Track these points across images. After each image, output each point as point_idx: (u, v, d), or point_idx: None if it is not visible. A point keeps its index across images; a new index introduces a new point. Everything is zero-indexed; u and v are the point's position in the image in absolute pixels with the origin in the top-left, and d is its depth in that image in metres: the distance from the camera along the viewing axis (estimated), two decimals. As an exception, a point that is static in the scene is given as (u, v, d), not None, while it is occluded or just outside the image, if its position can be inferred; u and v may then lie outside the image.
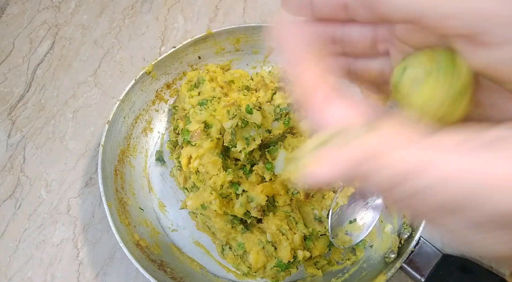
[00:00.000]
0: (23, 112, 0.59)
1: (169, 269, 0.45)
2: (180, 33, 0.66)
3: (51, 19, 0.67)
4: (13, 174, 0.54)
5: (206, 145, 0.47)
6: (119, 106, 0.50)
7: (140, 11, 0.68)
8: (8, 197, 0.52)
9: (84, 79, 0.61)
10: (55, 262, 0.49)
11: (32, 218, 0.51)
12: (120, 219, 0.45)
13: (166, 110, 0.57)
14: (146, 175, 0.53)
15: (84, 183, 0.53)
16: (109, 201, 0.45)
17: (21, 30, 0.66)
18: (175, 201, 0.52)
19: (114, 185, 0.48)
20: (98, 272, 0.48)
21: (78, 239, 0.50)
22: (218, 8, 0.69)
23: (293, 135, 0.47)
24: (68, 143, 0.56)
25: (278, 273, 0.46)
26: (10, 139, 0.57)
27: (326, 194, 0.45)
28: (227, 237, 0.47)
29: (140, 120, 0.54)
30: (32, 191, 0.53)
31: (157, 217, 0.51)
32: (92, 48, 0.64)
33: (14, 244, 0.50)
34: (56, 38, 0.66)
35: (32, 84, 0.61)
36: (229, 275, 0.48)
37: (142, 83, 0.53)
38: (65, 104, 0.59)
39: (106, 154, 0.48)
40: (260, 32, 0.55)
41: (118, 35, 0.66)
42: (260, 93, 0.53)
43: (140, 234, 0.46)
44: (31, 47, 0.64)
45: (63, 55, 0.64)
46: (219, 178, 0.45)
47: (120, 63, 0.63)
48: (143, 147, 0.54)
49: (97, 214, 0.51)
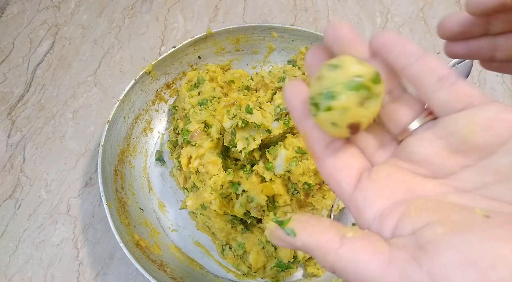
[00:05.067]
0: (23, 112, 0.59)
1: (169, 269, 0.45)
2: (180, 33, 0.66)
3: (51, 19, 0.67)
4: (13, 174, 0.54)
5: (206, 145, 0.47)
6: (119, 106, 0.50)
7: (140, 11, 0.68)
8: (8, 197, 0.52)
9: (84, 79, 0.61)
10: (55, 262, 0.48)
11: (32, 218, 0.51)
12: (120, 219, 0.45)
13: (166, 110, 0.57)
14: (146, 175, 0.53)
15: (84, 183, 0.53)
16: (109, 201, 0.44)
17: (21, 30, 0.66)
18: (175, 201, 0.52)
19: (114, 185, 0.48)
20: (98, 272, 0.48)
21: (78, 239, 0.50)
22: (218, 8, 0.69)
23: (293, 135, 0.47)
24: (68, 143, 0.56)
25: (278, 273, 0.46)
26: (10, 139, 0.56)
27: (327, 194, 0.45)
28: (227, 237, 0.47)
29: (140, 120, 0.54)
30: (32, 191, 0.53)
31: (157, 217, 0.51)
32: (92, 48, 0.64)
33: (14, 244, 0.50)
34: (56, 38, 0.65)
35: (32, 84, 0.61)
36: (229, 275, 0.47)
37: (142, 83, 0.53)
38: (65, 104, 0.59)
39: (106, 154, 0.47)
40: (260, 32, 0.55)
41: (118, 35, 0.66)
42: (260, 93, 0.53)
43: (140, 234, 0.46)
44: (31, 47, 0.64)
45: (63, 55, 0.64)
46: (219, 178, 0.45)
47: (120, 63, 0.63)
48: (143, 147, 0.54)
49: (97, 214, 0.51)
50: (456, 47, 0.28)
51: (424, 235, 0.16)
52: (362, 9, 0.68)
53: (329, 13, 0.67)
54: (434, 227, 0.16)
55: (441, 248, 0.16)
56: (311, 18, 0.67)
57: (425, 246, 0.16)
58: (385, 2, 0.68)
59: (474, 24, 0.26)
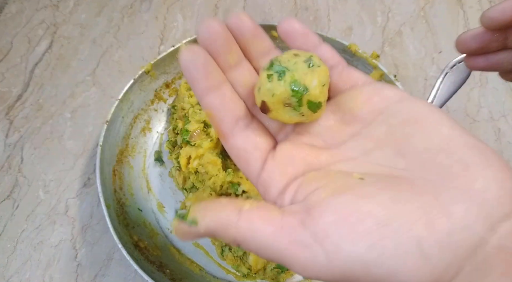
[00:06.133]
0: (21, 112, 0.58)
1: (168, 270, 0.44)
2: (179, 32, 0.66)
3: (50, 18, 0.67)
4: (11, 175, 0.53)
5: (206, 145, 0.46)
6: (117, 106, 0.49)
7: (139, 10, 0.68)
8: (5, 198, 0.52)
9: (82, 78, 0.61)
10: (53, 263, 0.48)
11: (30, 218, 0.51)
12: (118, 220, 0.44)
13: (165, 109, 0.56)
14: (145, 175, 0.53)
15: (82, 183, 0.53)
16: (108, 201, 0.44)
17: (20, 29, 0.66)
18: (174, 202, 0.51)
19: (113, 186, 0.47)
20: (97, 274, 0.47)
21: (76, 240, 0.49)
22: (218, 7, 0.68)
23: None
24: (66, 143, 0.56)
25: (278, 275, 0.45)
26: (8, 139, 0.56)
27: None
28: (226, 238, 0.46)
29: (138, 120, 0.54)
30: (30, 192, 0.52)
31: (156, 218, 0.50)
32: (91, 47, 0.64)
33: (12, 245, 0.49)
34: (55, 37, 0.65)
35: (30, 83, 0.61)
36: (229, 276, 0.47)
37: (141, 83, 0.52)
38: (63, 103, 0.59)
39: (104, 155, 0.47)
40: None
41: (116, 34, 0.65)
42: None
43: (138, 235, 0.46)
44: (29, 46, 0.64)
45: (62, 54, 0.63)
46: (219, 179, 0.44)
47: (119, 62, 0.63)
48: (142, 147, 0.54)
49: (96, 215, 0.51)
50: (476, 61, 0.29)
51: (310, 200, 0.19)
52: (363, 8, 0.67)
53: (329, 12, 0.67)
54: (319, 192, 0.19)
55: (322, 210, 0.18)
56: (311, 17, 0.67)
57: (311, 210, 0.18)
58: (386, 1, 0.68)
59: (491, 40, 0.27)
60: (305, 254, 0.17)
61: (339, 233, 0.17)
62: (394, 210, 0.17)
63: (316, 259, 0.17)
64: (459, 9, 0.66)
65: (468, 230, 0.16)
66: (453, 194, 0.17)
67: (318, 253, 0.17)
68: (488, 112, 0.57)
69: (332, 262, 0.17)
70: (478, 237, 0.16)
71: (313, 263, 0.17)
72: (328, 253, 0.17)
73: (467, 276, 0.16)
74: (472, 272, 0.16)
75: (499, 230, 0.16)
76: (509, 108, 0.57)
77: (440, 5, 0.67)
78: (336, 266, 0.17)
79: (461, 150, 0.18)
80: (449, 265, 0.16)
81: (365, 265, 0.16)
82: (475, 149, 0.18)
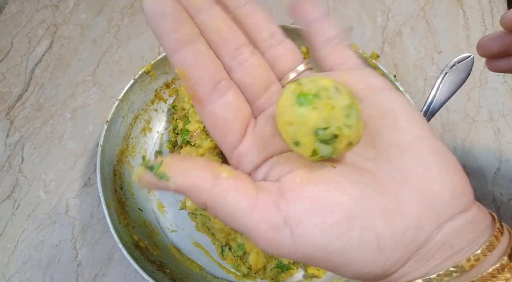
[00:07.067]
0: (21, 112, 0.58)
1: (168, 270, 0.44)
2: (179, 32, 0.65)
3: (50, 18, 0.67)
4: (11, 174, 0.54)
5: (206, 145, 0.46)
6: (118, 106, 0.49)
7: (139, 10, 0.68)
8: (6, 198, 0.52)
9: (82, 78, 0.61)
10: (53, 263, 0.48)
11: (30, 218, 0.51)
12: (119, 219, 0.44)
13: (165, 109, 0.57)
14: (145, 175, 0.53)
15: (82, 183, 0.53)
16: (108, 201, 0.44)
17: (20, 29, 0.66)
18: (174, 202, 0.52)
19: (113, 186, 0.47)
20: (97, 273, 0.48)
21: (76, 240, 0.49)
22: (218, 7, 0.68)
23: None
24: (67, 143, 0.56)
25: (278, 274, 0.45)
26: (8, 139, 0.56)
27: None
28: (226, 238, 0.46)
29: (139, 120, 0.54)
30: (31, 192, 0.52)
31: (156, 218, 0.50)
32: (91, 48, 0.64)
33: (13, 244, 0.49)
34: (55, 37, 0.65)
35: (31, 83, 0.61)
36: (229, 276, 0.47)
37: (141, 83, 0.52)
38: (63, 103, 0.59)
39: (104, 154, 0.47)
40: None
41: (117, 34, 0.65)
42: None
43: (139, 235, 0.46)
44: (29, 46, 0.64)
45: (62, 55, 0.63)
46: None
47: (119, 62, 0.63)
48: (142, 147, 0.54)
49: (96, 215, 0.51)
50: (499, 64, 0.30)
51: (285, 183, 0.20)
52: (363, 8, 0.67)
53: (329, 12, 0.67)
54: (294, 175, 0.20)
55: (296, 195, 0.19)
56: (311, 17, 0.67)
57: (285, 193, 0.19)
58: (386, 1, 0.68)
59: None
60: (273, 233, 0.19)
61: (311, 221, 0.18)
62: (361, 205, 0.18)
63: (283, 241, 0.19)
64: (459, 9, 0.66)
65: (420, 229, 0.18)
66: (411, 194, 0.19)
67: (286, 235, 0.18)
68: (488, 112, 0.57)
69: (297, 246, 0.18)
70: (427, 235, 0.18)
71: (278, 243, 0.19)
72: (295, 238, 0.18)
73: (411, 265, 0.19)
74: (417, 261, 0.19)
75: (444, 228, 0.19)
76: (509, 108, 0.57)
77: (440, 5, 0.67)
78: (300, 249, 0.18)
79: (425, 153, 0.20)
80: (400, 258, 0.18)
81: (327, 252, 0.18)
82: (437, 154, 0.20)
